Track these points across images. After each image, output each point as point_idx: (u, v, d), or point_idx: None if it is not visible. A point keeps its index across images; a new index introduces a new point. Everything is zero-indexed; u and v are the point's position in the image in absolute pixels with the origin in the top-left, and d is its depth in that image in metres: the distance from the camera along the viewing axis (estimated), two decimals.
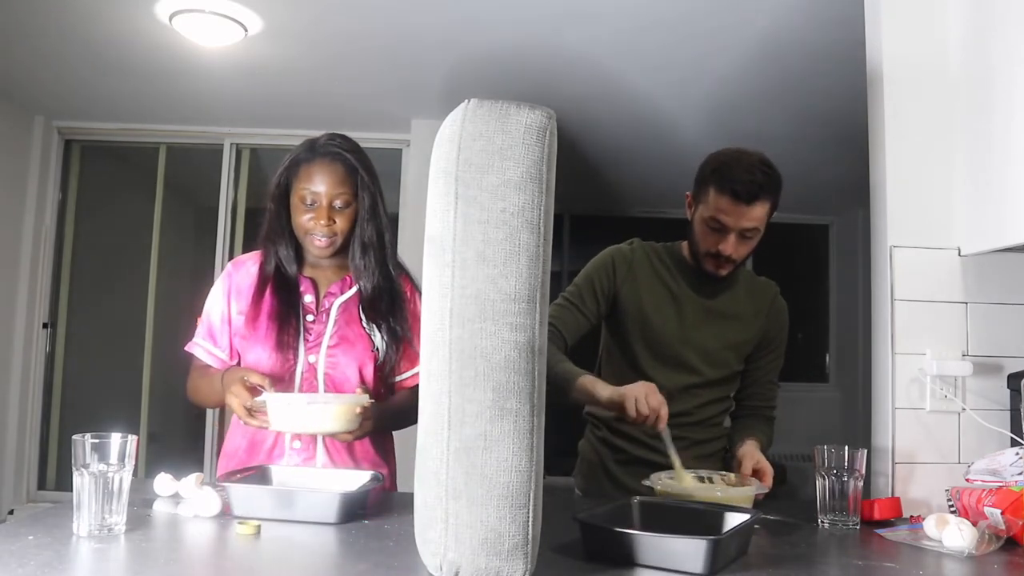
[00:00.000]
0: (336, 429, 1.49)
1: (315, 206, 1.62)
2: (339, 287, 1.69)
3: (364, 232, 1.65)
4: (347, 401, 1.50)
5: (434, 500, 0.93)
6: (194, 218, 5.16)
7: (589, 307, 1.81)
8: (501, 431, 0.91)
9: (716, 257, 1.74)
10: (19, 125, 4.37)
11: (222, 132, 4.60)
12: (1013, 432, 1.53)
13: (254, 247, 1.74)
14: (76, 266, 4.72)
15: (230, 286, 1.69)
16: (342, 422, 1.48)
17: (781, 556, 1.20)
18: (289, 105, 4.15)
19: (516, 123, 0.95)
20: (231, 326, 1.67)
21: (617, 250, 1.88)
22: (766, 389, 1.92)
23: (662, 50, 3.29)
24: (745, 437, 1.79)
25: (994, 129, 1.53)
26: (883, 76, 1.70)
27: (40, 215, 4.52)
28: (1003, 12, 1.51)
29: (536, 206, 0.94)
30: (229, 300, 1.68)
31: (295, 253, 1.69)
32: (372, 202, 1.65)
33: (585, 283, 1.83)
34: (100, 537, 1.13)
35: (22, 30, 3.26)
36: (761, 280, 1.93)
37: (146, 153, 4.72)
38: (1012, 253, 1.59)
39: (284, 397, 1.52)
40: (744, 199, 1.66)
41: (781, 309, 1.91)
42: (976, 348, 1.63)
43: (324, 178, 1.61)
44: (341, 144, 1.65)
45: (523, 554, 0.92)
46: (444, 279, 0.94)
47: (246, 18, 3.06)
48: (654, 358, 1.82)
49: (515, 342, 0.92)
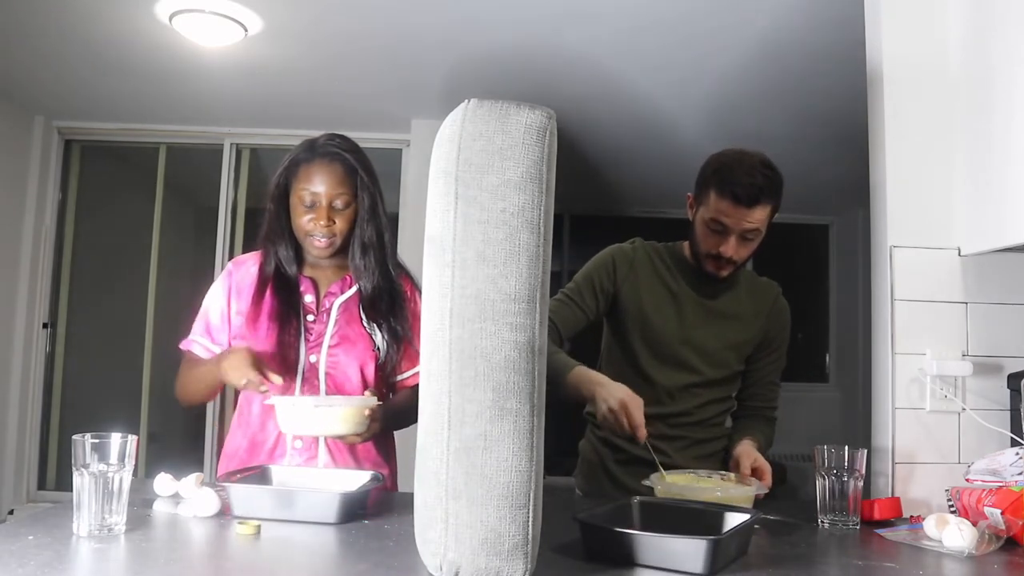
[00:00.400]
0: (344, 432, 1.49)
1: (314, 206, 1.61)
2: (339, 287, 1.69)
3: (364, 232, 1.65)
4: (355, 404, 1.50)
5: (434, 500, 0.93)
6: (194, 218, 5.16)
7: (588, 303, 1.81)
8: (501, 431, 0.91)
9: (717, 258, 1.73)
10: (19, 125, 4.37)
11: (222, 132, 4.60)
12: (1013, 432, 1.53)
13: (254, 247, 1.74)
14: (76, 266, 4.72)
15: (230, 285, 1.69)
16: (351, 424, 1.48)
17: (781, 556, 1.20)
18: (289, 105, 4.15)
19: (516, 123, 0.95)
20: (231, 325, 1.67)
21: (618, 249, 1.88)
22: (767, 390, 1.92)
23: (662, 50, 3.29)
24: (743, 437, 1.79)
25: (994, 129, 1.53)
26: (883, 76, 1.70)
27: (40, 215, 4.51)
28: (1003, 12, 1.51)
29: (536, 206, 0.94)
30: (229, 299, 1.68)
31: (295, 253, 1.69)
32: (371, 202, 1.65)
33: (585, 280, 1.83)
34: (100, 537, 1.13)
35: (22, 30, 3.25)
36: (763, 280, 1.93)
37: (146, 153, 4.72)
38: (1012, 253, 1.59)
39: (291, 400, 1.52)
40: (745, 202, 1.65)
41: (782, 310, 1.91)
42: (976, 348, 1.63)
43: (323, 178, 1.61)
44: (340, 144, 1.65)
45: (523, 554, 0.92)
46: (444, 279, 0.94)
47: (246, 18, 3.06)
48: (654, 357, 1.82)
49: (515, 342, 0.92)
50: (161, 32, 3.17)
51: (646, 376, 1.81)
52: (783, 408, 1.95)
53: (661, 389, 1.81)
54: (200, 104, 4.20)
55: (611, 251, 1.88)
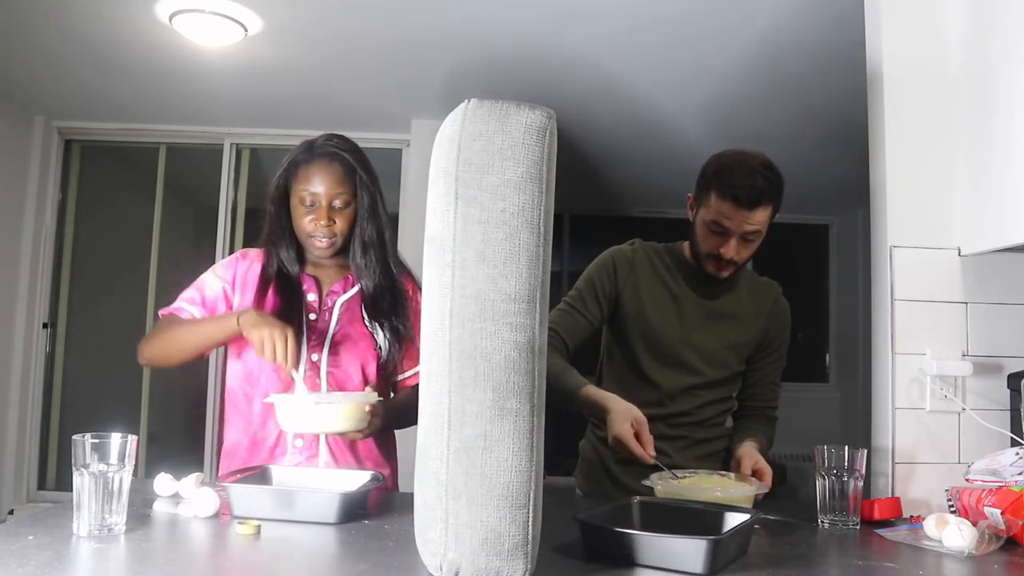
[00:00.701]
0: (345, 428, 1.49)
1: (314, 207, 1.62)
2: (341, 286, 1.69)
3: (364, 231, 1.65)
4: (356, 399, 1.50)
5: (434, 500, 0.93)
6: (194, 218, 5.16)
7: (591, 310, 1.81)
8: (501, 431, 0.91)
9: (718, 259, 1.73)
10: (19, 125, 4.37)
11: (222, 132, 4.60)
12: (1013, 432, 1.53)
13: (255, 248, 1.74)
14: (76, 266, 4.72)
15: (236, 273, 1.69)
16: (351, 421, 1.48)
17: (781, 556, 1.20)
18: (289, 105, 4.15)
19: (516, 123, 0.95)
20: (228, 308, 1.66)
21: (618, 251, 1.88)
22: (767, 390, 1.92)
23: (662, 50, 3.29)
24: (745, 438, 1.79)
25: (994, 129, 1.53)
26: (883, 76, 1.70)
27: (40, 215, 4.51)
28: (1003, 12, 1.51)
29: (536, 206, 0.94)
30: (233, 284, 1.67)
31: (297, 254, 1.69)
32: (371, 201, 1.65)
33: (586, 286, 1.83)
34: (100, 537, 1.13)
35: (22, 30, 3.26)
36: (763, 280, 1.93)
37: (146, 153, 4.72)
38: (1012, 253, 1.59)
39: (291, 397, 1.51)
40: (746, 204, 1.65)
41: (783, 310, 1.91)
42: (976, 348, 1.63)
43: (323, 178, 1.61)
44: (339, 144, 1.65)
45: (523, 554, 0.92)
46: (444, 279, 0.94)
47: (246, 18, 3.06)
48: (654, 359, 1.82)
49: (515, 342, 0.92)
50: (161, 32, 3.17)
51: (647, 377, 1.81)
52: (783, 408, 1.95)
53: (662, 390, 1.81)
54: (200, 104, 4.20)
55: (611, 253, 1.88)
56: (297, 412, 1.48)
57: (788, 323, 1.91)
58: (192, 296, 1.67)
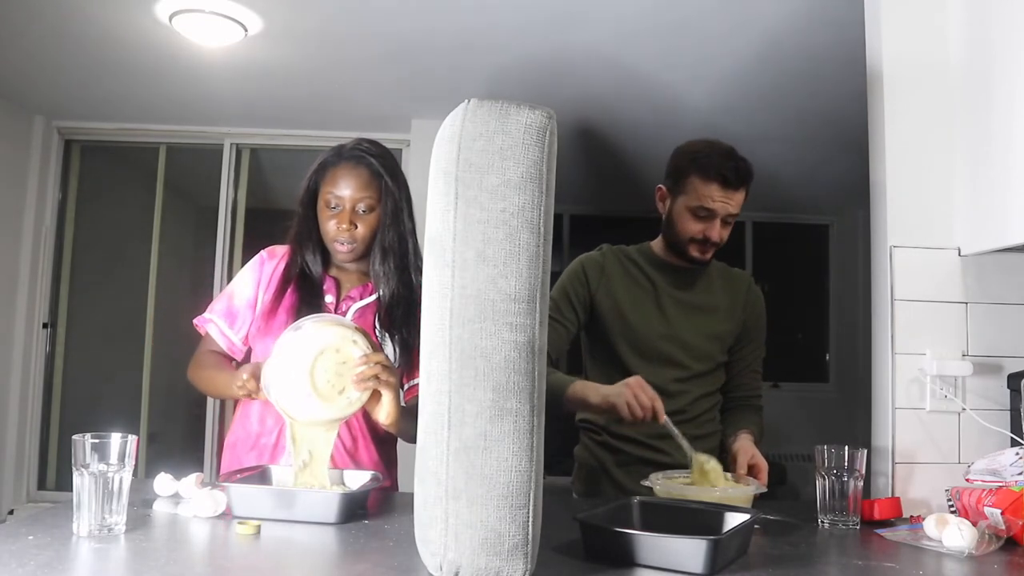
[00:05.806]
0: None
1: (338, 209, 1.61)
2: (359, 292, 1.68)
3: (385, 237, 1.64)
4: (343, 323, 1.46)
5: (434, 500, 0.93)
6: (194, 218, 5.16)
7: (568, 316, 1.83)
8: (501, 431, 0.91)
9: (703, 243, 1.79)
10: (19, 125, 4.37)
11: (222, 132, 4.60)
12: (1013, 432, 1.53)
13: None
14: (76, 266, 4.71)
15: (261, 276, 1.69)
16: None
17: (781, 556, 1.20)
18: (289, 105, 4.15)
19: (516, 123, 0.95)
20: (255, 314, 1.67)
21: (587, 257, 1.92)
22: (750, 379, 1.94)
23: (663, 52, 3.29)
24: (738, 431, 1.80)
25: (994, 129, 1.53)
26: (883, 76, 1.70)
27: (40, 215, 4.51)
28: (1003, 12, 1.51)
29: (536, 206, 0.94)
30: (258, 288, 1.67)
31: (322, 256, 1.69)
32: (395, 208, 1.64)
33: (560, 295, 1.85)
34: (100, 537, 1.13)
35: (22, 30, 3.25)
36: (735, 271, 1.98)
37: (146, 153, 4.72)
38: (1012, 253, 1.59)
39: None
40: (733, 184, 1.74)
41: (757, 297, 1.95)
42: (976, 348, 1.63)
43: (348, 182, 1.61)
44: (367, 148, 1.65)
45: (523, 554, 0.92)
46: (444, 279, 0.94)
47: (246, 18, 3.06)
48: (639, 357, 1.83)
49: (515, 342, 0.92)
50: (161, 32, 3.17)
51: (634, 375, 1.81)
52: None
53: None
54: (200, 104, 4.20)
55: (579, 260, 1.92)
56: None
57: (763, 311, 1.96)
58: (220, 307, 1.68)
